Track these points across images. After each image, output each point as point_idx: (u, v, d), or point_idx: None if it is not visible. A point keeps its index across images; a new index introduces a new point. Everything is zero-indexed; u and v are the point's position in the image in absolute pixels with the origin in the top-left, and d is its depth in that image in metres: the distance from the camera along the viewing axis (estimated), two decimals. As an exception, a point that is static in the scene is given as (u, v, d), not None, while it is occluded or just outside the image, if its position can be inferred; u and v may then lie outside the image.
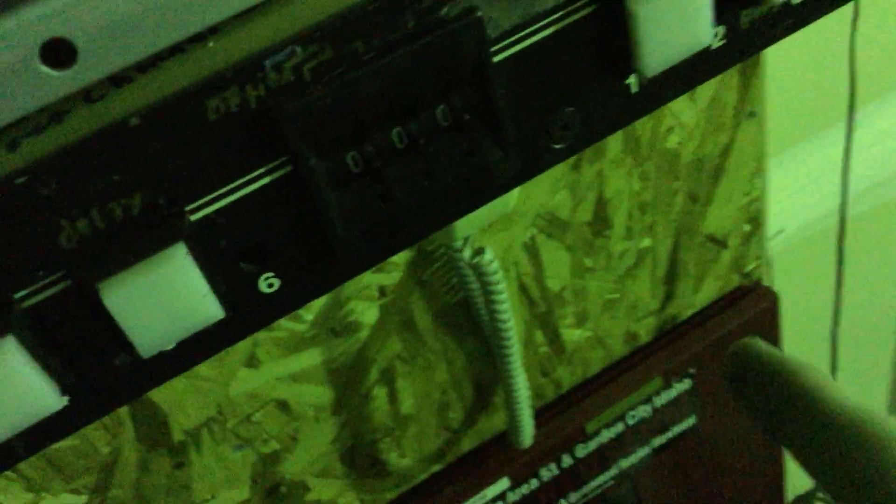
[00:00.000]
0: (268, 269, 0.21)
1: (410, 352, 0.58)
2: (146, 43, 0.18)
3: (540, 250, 0.62)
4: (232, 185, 0.20)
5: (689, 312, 0.69)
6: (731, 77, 0.62)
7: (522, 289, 0.62)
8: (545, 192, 0.60)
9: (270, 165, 0.20)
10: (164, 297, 0.19)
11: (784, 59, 0.69)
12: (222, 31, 0.20)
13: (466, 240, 0.56)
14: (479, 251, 0.56)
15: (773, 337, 0.70)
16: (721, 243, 0.70)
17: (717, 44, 0.24)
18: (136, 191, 0.19)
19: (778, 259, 0.73)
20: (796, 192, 0.79)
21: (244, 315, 0.21)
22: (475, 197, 0.22)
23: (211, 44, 0.19)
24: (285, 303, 0.22)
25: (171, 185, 0.19)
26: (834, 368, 0.87)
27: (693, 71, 0.23)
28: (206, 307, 0.20)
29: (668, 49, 0.22)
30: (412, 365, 0.58)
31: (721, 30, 0.23)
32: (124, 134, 0.18)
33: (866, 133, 0.82)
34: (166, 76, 0.19)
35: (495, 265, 0.57)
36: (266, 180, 0.20)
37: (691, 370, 0.68)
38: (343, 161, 0.21)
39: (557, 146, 0.23)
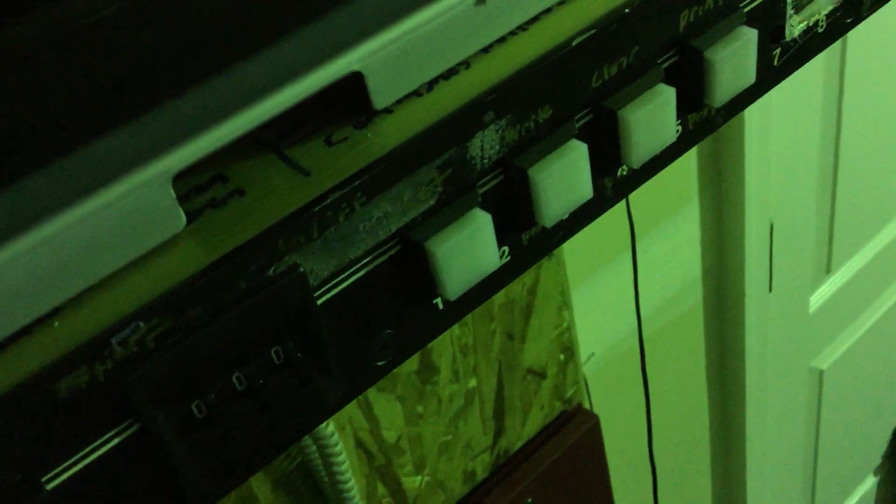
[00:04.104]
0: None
1: (255, 525, 0.58)
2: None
3: (372, 404, 0.64)
4: (84, 451, 0.21)
5: (520, 444, 0.73)
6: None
7: (359, 444, 0.64)
8: (373, 350, 0.62)
9: (119, 427, 0.22)
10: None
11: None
12: (66, 309, 0.21)
13: (302, 408, 0.57)
14: (315, 417, 0.57)
15: (599, 455, 0.75)
16: (541, 374, 0.74)
17: (504, 261, 0.28)
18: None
19: (593, 381, 0.79)
20: (600, 318, 0.85)
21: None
22: (309, 422, 0.25)
23: (56, 323, 0.21)
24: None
25: (25, 461, 0.20)
26: (655, 484, 0.93)
27: (487, 287, 0.27)
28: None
29: (465, 275, 0.26)
30: (258, 538, 0.58)
31: (506, 249, 0.28)
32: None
33: (649, 259, 0.91)
34: (13, 359, 0.20)
35: (331, 427, 0.58)
36: (116, 441, 0.22)
37: (529, 500, 0.71)
38: (189, 411, 0.23)
39: (380, 363, 0.26)
